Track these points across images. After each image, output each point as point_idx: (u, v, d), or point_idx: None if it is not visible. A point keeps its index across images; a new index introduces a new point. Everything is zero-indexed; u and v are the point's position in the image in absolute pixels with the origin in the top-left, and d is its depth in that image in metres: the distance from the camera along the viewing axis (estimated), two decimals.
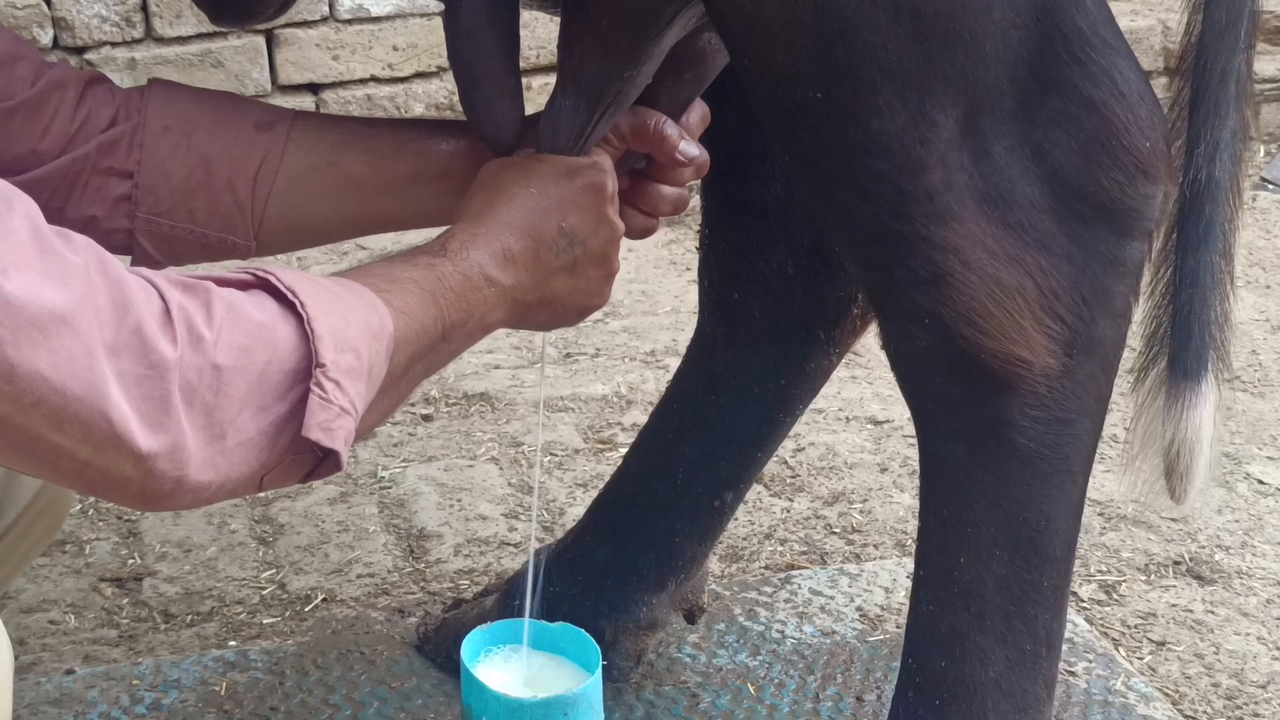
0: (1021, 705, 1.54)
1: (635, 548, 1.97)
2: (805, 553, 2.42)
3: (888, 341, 1.54)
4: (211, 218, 1.61)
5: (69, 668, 2.12)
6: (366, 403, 1.27)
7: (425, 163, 1.63)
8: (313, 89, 3.86)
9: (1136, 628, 2.22)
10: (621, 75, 1.51)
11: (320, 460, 1.25)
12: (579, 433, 2.80)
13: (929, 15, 1.35)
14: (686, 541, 1.97)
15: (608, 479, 2.07)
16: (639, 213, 1.61)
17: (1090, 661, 2.11)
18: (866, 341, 2.06)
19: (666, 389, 2.02)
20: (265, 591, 2.33)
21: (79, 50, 3.67)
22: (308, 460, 1.25)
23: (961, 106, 1.39)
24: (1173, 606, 2.27)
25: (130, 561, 2.41)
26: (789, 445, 2.67)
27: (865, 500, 2.57)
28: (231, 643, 2.20)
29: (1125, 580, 2.34)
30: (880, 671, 2.08)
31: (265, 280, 1.25)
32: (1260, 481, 2.60)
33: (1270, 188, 3.96)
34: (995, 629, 1.53)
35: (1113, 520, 2.50)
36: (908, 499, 2.56)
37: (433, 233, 1.51)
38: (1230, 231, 1.52)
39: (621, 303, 3.36)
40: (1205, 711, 2.04)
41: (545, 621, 1.70)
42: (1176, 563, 2.38)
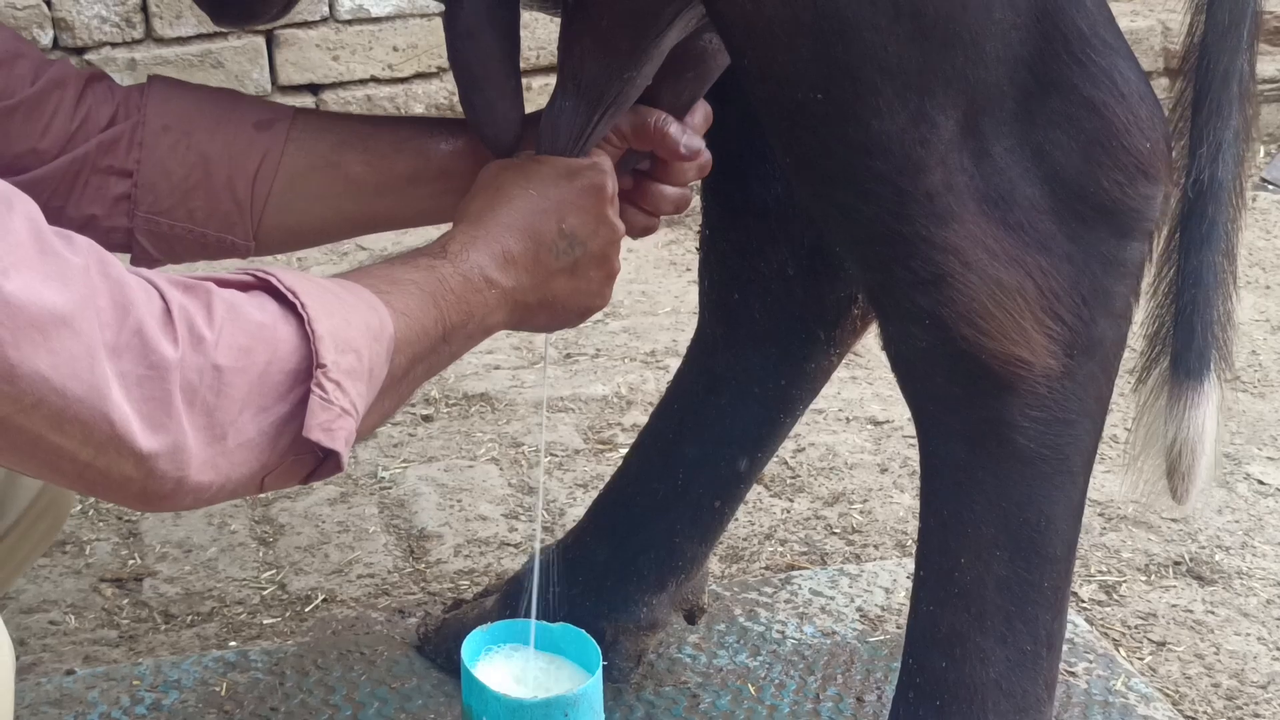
0: (1022, 706, 1.54)
1: (635, 548, 1.97)
2: (805, 553, 2.42)
3: (888, 342, 1.54)
4: (210, 217, 1.60)
5: (69, 668, 2.12)
6: (367, 404, 1.27)
7: (424, 162, 1.63)
8: (313, 89, 3.86)
9: (1137, 628, 2.22)
10: (622, 76, 1.51)
11: (321, 461, 1.25)
12: (579, 433, 2.80)
13: (929, 16, 1.35)
14: (687, 542, 1.97)
15: (608, 479, 2.07)
16: (641, 212, 1.61)
17: (1090, 662, 2.11)
18: (866, 342, 2.06)
19: (667, 389, 2.02)
20: (265, 592, 2.33)
21: (79, 51, 3.67)
22: (308, 461, 1.25)
23: (962, 107, 1.39)
24: (1173, 607, 2.27)
25: (130, 562, 2.41)
26: (789, 446, 2.67)
27: (865, 501, 2.57)
28: (232, 643, 2.20)
29: (1125, 580, 2.34)
30: (880, 672, 2.08)
31: (266, 281, 1.25)
32: (1260, 482, 2.60)
33: (1270, 188, 3.96)
34: (996, 629, 1.53)
35: (1113, 520, 2.50)
36: (908, 499, 2.56)
37: (433, 233, 1.51)
38: (1233, 232, 1.52)
39: (621, 303, 3.36)
40: (1205, 712, 2.04)
41: (546, 622, 1.70)
42: (1177, 563, 2.38)
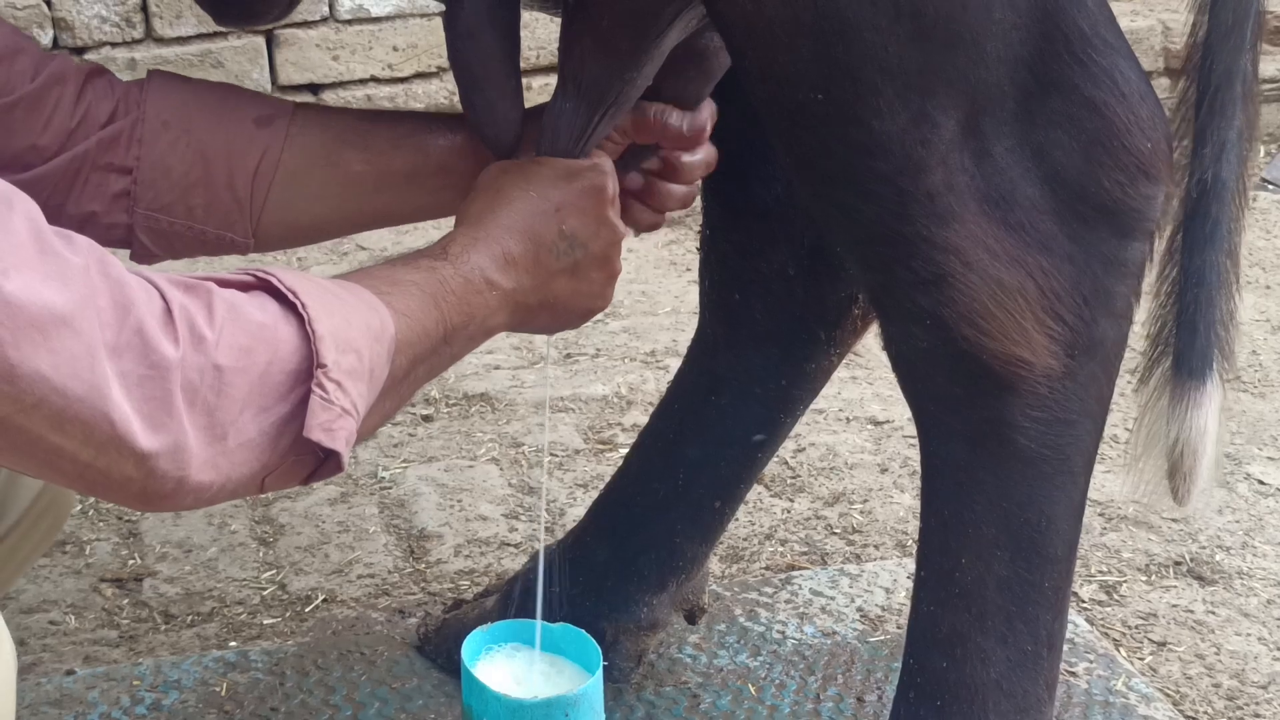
0: (1023, 706, 1.54)
1: (636, 548, 1.97)
2: (806, 553, 2.42)
3: (889, 342, 1.54)
4: (210, 214, 1.60)
5: (69, 668, 2.12)
6: (368, 404, 1.27)
7: (423, 158, 1.63)
8: (312, 89, 3.86)
9: (1137, 628, 2.22)
10: (622, 77, 1.51)
11: (322, 461, 1.25)
12: (579, 433, 2.80)
13: (930, 16, 1.35)
14: (687, 542, 1.97)
15: (608, 479, 2.07)
16: (648, 209, 1.61)
17: (1091, 662, 2.11)
18: (867, 342, 2.06)
19: (667, 389, 2.02)
20: (266, 592, 2.33)
21: (79, 51, 3.67)
22: (309, 461, 1.25)
23: (963, 107, 1.39)
24: (1173, 607, 2.27)
25: (131, 562, 2.41)
26: (789, 446, 2.67)
27: (866, 501, 2.57)
28: (232, 643, 2.19)
29: (1126, 581, 2.34)
30: (881, 672, 2.08)
31: (266, 281, 1.25)
32: (1261, 482, 2.60)
33: (1270, 188, 3.96)
34: (996, 629, 1.53)
35: (1113, 521, 2.50)
36: (908, 499, 2.56)
37: (435, 233, 1.51)
38: (1236, 232, 1.52)
39: (622, 303, 3.36)
40: (1206, 712, 2.04)
41: (546, 622, 1.70)
42: (1177, 563, 2.38)
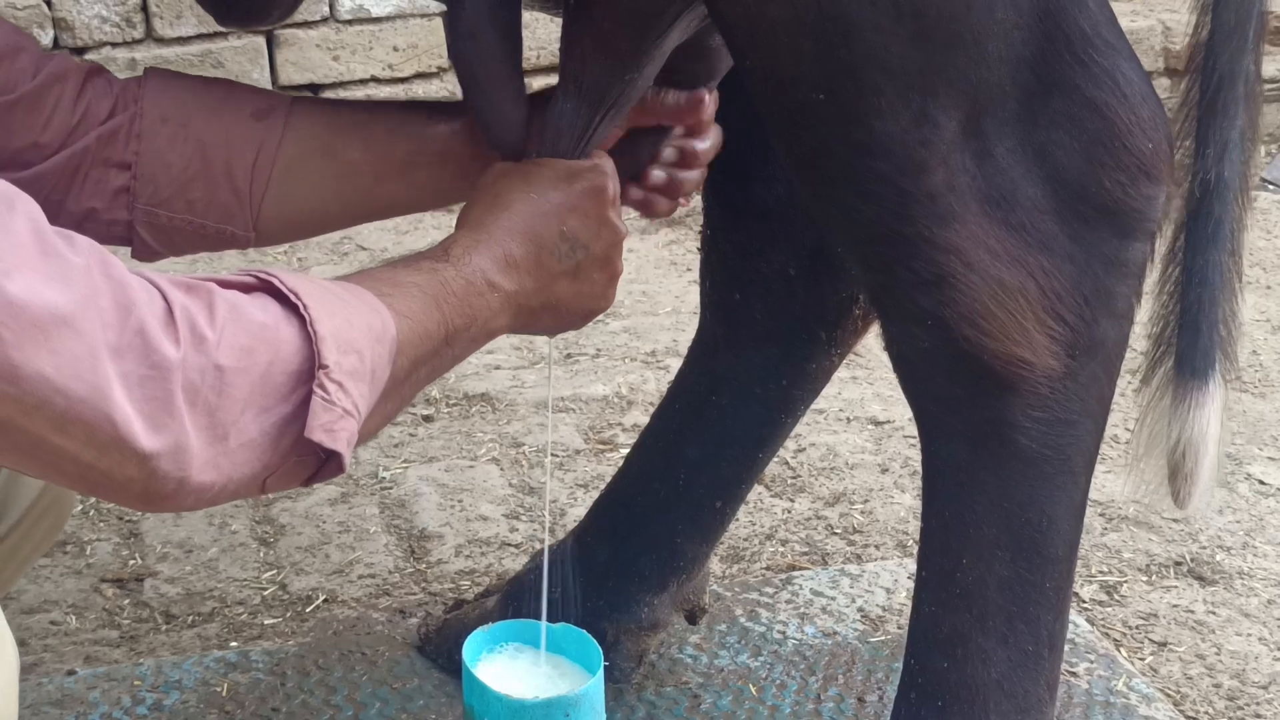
0: (1024, 706, 1.54)
1: (637, 548, 1.97)
2: (806, 553, 2.42)
3: (890, 343, 1.54)
4: (210, 208, 1.61)
5: (70, 668, 2.12)
6: (369, 405, 1.27)
7: (421, 146, 1.63)
8: (313, 89, 3.86)
9: (1138, 628, 2.22)
10: (623, 77, 1.51)
11: (323, 462, 1.25)
12: (580, 433, 2.80)
13: (931, 16, 1.35)
14: (688, 542, 1.97)
15: (609, 479, 2.07)
16: (665, 198, 1.63)
17: (1092, 662, 2.11)
18: (867, 342, 2.06)
19: (668, 390, 2.02)
20: (266, 592, 2.33)
21: (79, 51, 3.67)
22: (311, 462, 1.25)
23: (964, 108, 1.39)
24: (1174, 607, 2.27)
25: (131, 562, 2.41)
26: (790, 446, 2.67)
27: (866, 501, 2.57)
28: (233, 643, 2.19)
29: (1126, 581, 2.34)
30: (882, 672, 2.08)
31: (268, 282, 1.25)
32: (1261, 482, 2.60)
33: (1270, 188, 3.96)
34: (997, 630, 1.53)
35: (1114, 521, 2.50)
36: (909, 499, 2.56)
37: (436, 235, 1.51)
38: (1238, 232, 1.52)
39: (622, 303, 3.36)
40: (1207, 712, 2.04)
41: (548, 622, 1.70)
42: (1178, 563, 2.38)
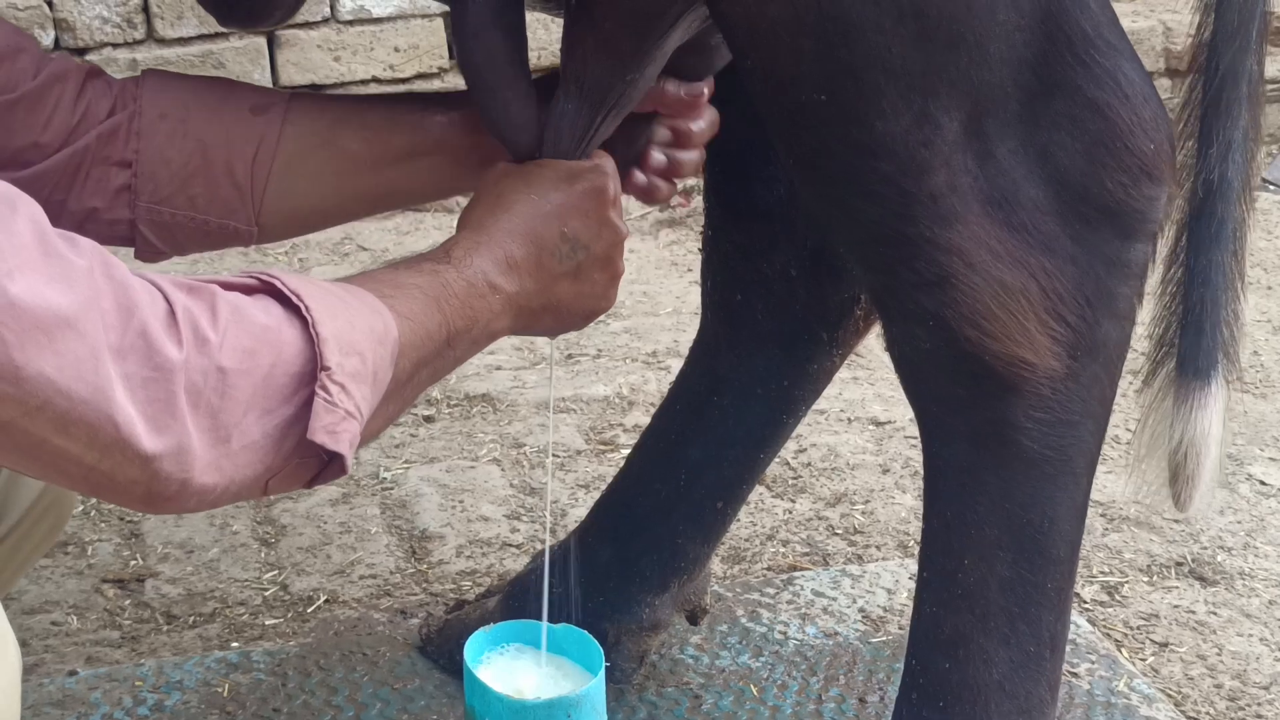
0: (1025, 707, 1.54)
1: (638, 549, 1.97)
2: (807, 554, 2.42)
3: (892, 343, 1.54)
4: (212, 203, 1.61)
5: (71, 669, 2.12)
6: (372, 407, 1.27)
7: (421, 136, 1.63)
8: (314, 90, 3.86)
9: (1139, 629, 2.22)
10: (624, 78, 1.51)
11: (326, 464, 1.25)
12: (581, 434, 2.80)
13: (933, 17, 1.35)
14: (689, 542, 1.97)
15: (610, 480, 2.07)
16: (663, 180, 1.63)
17: (1093, 663, 2.11)
18: (868, 342, 2.06)
19: (669, 390, 2.02)
20: (267, 593, 2.33)
21: (80, 51, 3.67)
22: (313, 464, 1.25)
23: (966, 109, 1.39)
24: (1175, 608, 2.27)
25: (132, 563, 2.41)
26: (791, 446, 2.67)
27: (867, 501, 2.57)
28: (234, 644, 2.19)
29: (1128, 581, 2.34)
30: (883, 673, 2.08)
31: (270, 284, 1.25)
32: (1262, 483, 2.60)
33: (1271, 188, 3.96)
34: (999, 631, 1.53)
35: (1115, 521, 2.50)
36: (909, 500, 2.56)
37: (437, 237, 1.51)
38: (1241, 232, 1.52)
39: (623, 304, 3.36)
40: (1208, 713, 2.04)
41: (548, 622, 1.70)
42: (1179, 564, 2.38)
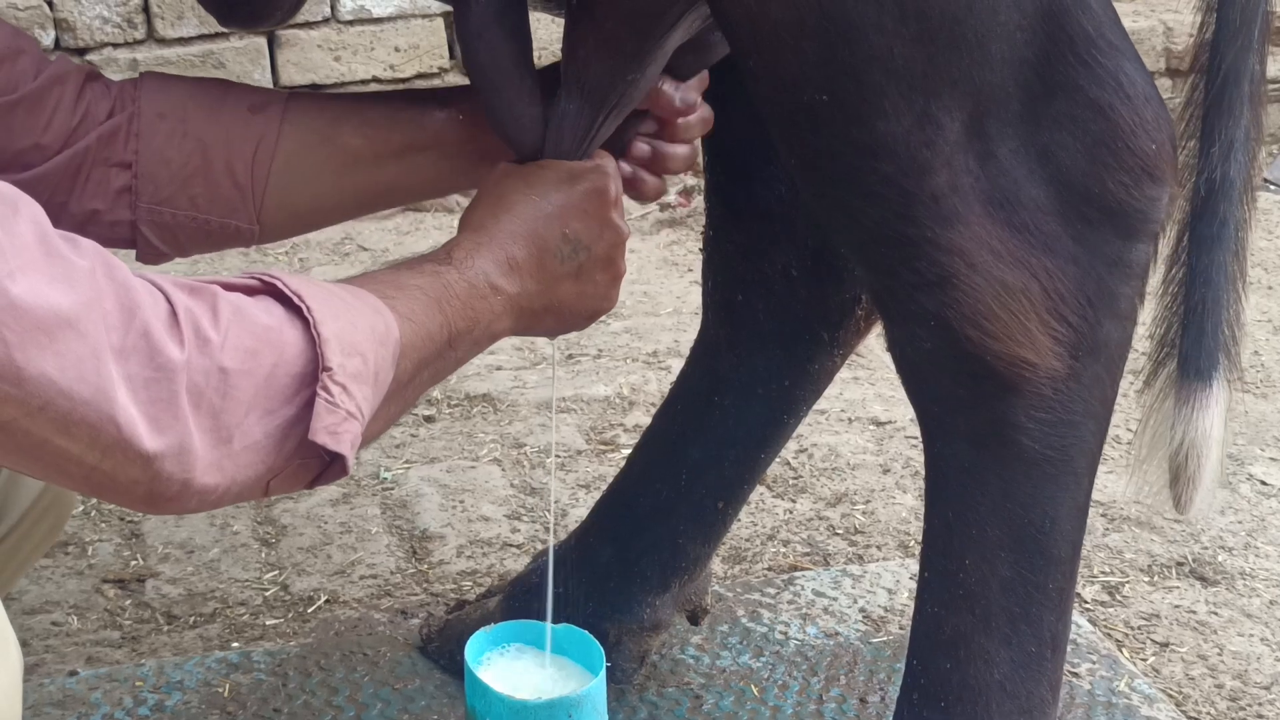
0: (1026, 707, 1.54)
1: (639, 549, 1.97)
2: (808, 554, 2.42)
3: (893, 344, 1.54)
4: (213, 203, 1.61)
5: (72, 669, 2.12)
6: (373, 407, 1.27)
7: (420, 130, 1.63)
8: (314, 90, 3.86)
9: (1140, 629, 2.22)
10: (626, 78, 1.51)
11: (327, 465, 1.25)
12: (581, 434, 2.80)
13: (935, 18, 1.35)
14: (690, 543, 1.97)
15: (611, 480, 2.07)
16: (652, 175, 1.62)
17: (1094, 663, 2.11)
18: (869, 342, 2.06)
19: (670, 390, 2.02)
20: (268, 593, 2.33)
21: (80, 51, 3.67)
22: (314, 465, 1.25)
23: (967, 109, 1.39)
24: (1176, 608, 2.27)
25: (133, 563, 2.41)
26: (792, 446, 2.67)
27: (868, 501, 2.57)
28: (234, 644, 2.19)
29: (1128, 581, 2.34)
30: (884, 673, 2.08)
31: (271, 285, 1.25)
32: (1263, 483, 2.60)
33: (1272, 188, 3.96)
34: (1000, 631, 1.53)
35: (1116, 521, 2.50)
36: (910, 500, 2.56)
37: (437, 236, 1.51)
38: (1243, 232, 1.51)
39: (624, 304, 3.36)
40: (1209, 713, 2.04)
41: (550, 622, 1.70)
42: (1180, 564, 2.38)
